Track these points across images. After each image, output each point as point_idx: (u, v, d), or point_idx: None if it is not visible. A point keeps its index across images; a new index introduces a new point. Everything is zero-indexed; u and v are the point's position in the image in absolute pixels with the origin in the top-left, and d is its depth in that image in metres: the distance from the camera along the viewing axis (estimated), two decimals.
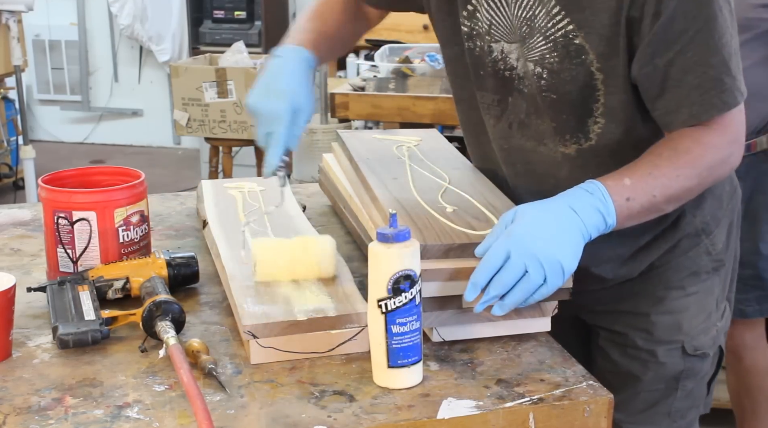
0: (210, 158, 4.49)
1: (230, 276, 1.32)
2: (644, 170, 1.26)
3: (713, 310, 1.49)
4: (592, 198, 1.22)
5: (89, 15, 6.69)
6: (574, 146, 1.38)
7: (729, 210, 1.50)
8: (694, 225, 1.45)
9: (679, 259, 1.46)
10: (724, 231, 1.49)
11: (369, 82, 3.44)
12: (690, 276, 1.47)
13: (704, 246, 1.46)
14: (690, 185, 1.28)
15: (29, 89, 6.73)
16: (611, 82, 1.31)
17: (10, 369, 1.17)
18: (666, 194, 1.26)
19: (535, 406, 1.10)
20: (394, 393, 1.11)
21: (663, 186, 1.25)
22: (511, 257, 1.15)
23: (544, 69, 1.34)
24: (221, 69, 4.20)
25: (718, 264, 1.48)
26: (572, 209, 1.20)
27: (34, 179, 4.57)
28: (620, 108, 1.33)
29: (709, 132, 1.28)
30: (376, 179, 1.47)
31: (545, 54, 1.33)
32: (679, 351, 1.47)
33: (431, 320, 1.21)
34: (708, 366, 1.51)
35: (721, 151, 1.29)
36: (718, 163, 1.30)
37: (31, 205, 1.84)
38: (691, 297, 1.47)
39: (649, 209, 1.27)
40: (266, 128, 1.35)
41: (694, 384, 1.51)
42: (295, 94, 1.36)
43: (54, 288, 1.32)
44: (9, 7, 4.46)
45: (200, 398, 1.02)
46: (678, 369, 1.48)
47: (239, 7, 5.67)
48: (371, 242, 1.11)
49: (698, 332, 1.47)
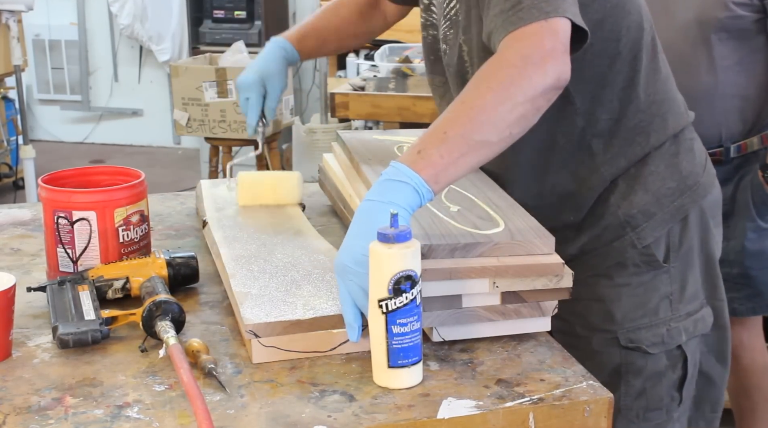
0: (210, 158, 4.49)
1: (230, 276, 1.32)
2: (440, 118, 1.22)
3: (661, 307, 1.50)
4: (384, 179, 1.17)
5: (89, 15, 6.69)
6: None
7: (674, 208, 1.49)
8: (617, 216, 1.48)
9: (605, 248, 1.50)
10: (662, 228, 1.48)
11: (369, 82, 3.44)
12: (616, 267, 1.49)
13: (629, 238, 1.48)
14: (480, 104, 1.19)
15: (29, 89, 6.73)
16: (471, 54, 1.42)
17: (10, 369, 1.17)
18: (458, 122, 1.18)
19: (535, 406, 1.10)
20: (394, 393, 1.11)
21: (449, 120, 1.19)
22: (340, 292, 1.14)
23: (446, 45, 1.50)
24: (221, 69, 4.20)
25: (650, 259, 1.49)
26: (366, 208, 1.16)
27: (34, 179, 4.57)
28: None
29: (500, 51, 1.23)
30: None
31: (446, 32, 1.48)
32: (614, 343, 1.49)
33: (431, 319, 1.21)
34: (658, 366, 1.50)
35: (508, 63, 1.21)
36: (511, 77, 1.20)
37: (31, 205, 1.84)
38: (623, 289, 1.49)
39: (456, 146, 1.17)
40: (244, 95, 1.70)
41: (646, 383, 1.50)
42: (266, 69, 1.70)
43: (54, 288, 1.32)
44: (9, 7, 4.46)
45: (200, 398, 1.02)
46: (615, 362, 1.50)
47: (239, 7, 5.68)
48: (372, 242, 1.11)
49: (636, 326, 1.49)
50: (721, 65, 2.11)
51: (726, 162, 2.15)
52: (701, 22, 2.08)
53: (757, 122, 2.17)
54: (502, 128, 1.20)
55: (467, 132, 1.18)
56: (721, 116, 2.13)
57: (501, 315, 1.23)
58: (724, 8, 2.05)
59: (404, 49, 3.75)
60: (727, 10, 2.05)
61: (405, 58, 3.61)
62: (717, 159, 2.07)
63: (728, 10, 2.05)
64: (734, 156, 2.16)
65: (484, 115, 1.19)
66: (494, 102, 1.19)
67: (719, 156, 2.13)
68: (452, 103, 1.22)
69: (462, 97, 1.21)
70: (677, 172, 1.50)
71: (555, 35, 1.23)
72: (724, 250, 1.64)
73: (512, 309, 1.23)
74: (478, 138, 1.18)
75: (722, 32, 2.08)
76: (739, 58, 2.11)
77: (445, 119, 1.20)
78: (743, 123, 2.16)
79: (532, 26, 1.23)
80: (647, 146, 1.48)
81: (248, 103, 1.70)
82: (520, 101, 1.20)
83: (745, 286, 2.25)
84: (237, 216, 1.59)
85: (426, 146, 1.18)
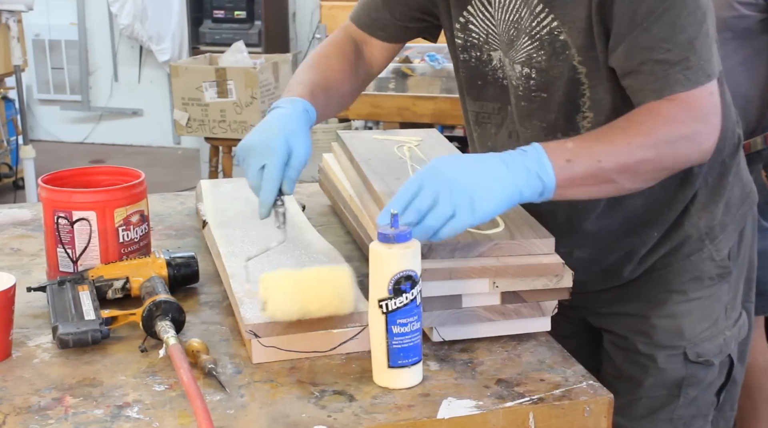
0: (210, 158, 4.49)
1: (230, 276, 1.32)
2: (593, 136, 1.26)
3: (720, 318, 1.47)
4: (525, 157, 1.19)
5: (89, 15, 6.69)
6: None
7: (739, 216, 1.48)
8: (698, 229, 1.44)
9: (682, 262, 1.45)
10: (732, 238, 1.47)
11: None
12: (692, 281, 1.45)
13: (708, 252, 1.45)
14: (644, 156, 1.22)
15: (29, 89, 6.73)
16: (594, 74, 1.32)
17: (10, 369, 1.17)
18: (614, 160, 1.21)
19: (535, 406, 1.10)
20: (394, 393, 1.11)
21: (610, 152, 1.21)
22: (424, 186, 1.13)
23: (532, 69, 1.36)
24: (221, 69, 4.20)
25: (723, 271, 1.46)
26: (503, 161, 1.18)
27: (34, 179, 4.57)
28: (606, 99, 1.33)
29: (670, 106, 1.24)
30: (379, 180, 1.47)
31: (532, 54, 1.35)
32: (681, 358, 1.46)
33: (431, 319, 1.21)
34: (713, 375, 1.49)
35: (682, 126, 1.24)
36: (678, 138, 1.24)
37: (31, 205, 1.84)
38: (694, 303, 1.45)
39: (595, 176, 1.21)
40: (260, 161, 1.29)
41: (698, 392, 1.48)
42: (292, 134, 1.31)
43: (54, 288, 1.32)
44: (9, 7, 4.46)
45: (200, 398, 1.02)
46: (679, 376, 1.46)
47: (239, 7, 5.68)
48: (372, 242, 1.11)
49: (702, 339, 1.46)
50: (724, 65, 2.10)
51: None
52: None
53: (761, 121, 2.17)
54: (640, 183, 1.26)
55: (616, 173, 1.21)
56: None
57: (501, 315, 1.23)
58: (729, 8, 2.05)
59: (404, 50, 3.75)
60: (732, 10, 2.05)
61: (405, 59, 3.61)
62: None
63: (733, 10, 2.05)
64: None
65: (641, 166, 1.22)
66: (655, 162, 1.22)
67: None
68: (615, 136, 1.22)
69: (628, 135, 1.22)
70: (740, 180, 1.48)
71: (713, 108, 1.26)
72: None
73: (512, 309, 1.23)
74: (616, 180, 1.22)
75: (726, 32, 2.07)
76: (743, 58, 2.11)
77: (606, 148, 1.21)
78: (746, 123, 2.15)
79: (700, 91, 1.24)
80: (722, 155, 1.44)
81: (264, 172, 1.29)
82: (669, 167, 1.25)
83: None
84: (237, 216, 1.59)
85: (577, 158, 1.20)
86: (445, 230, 1.13)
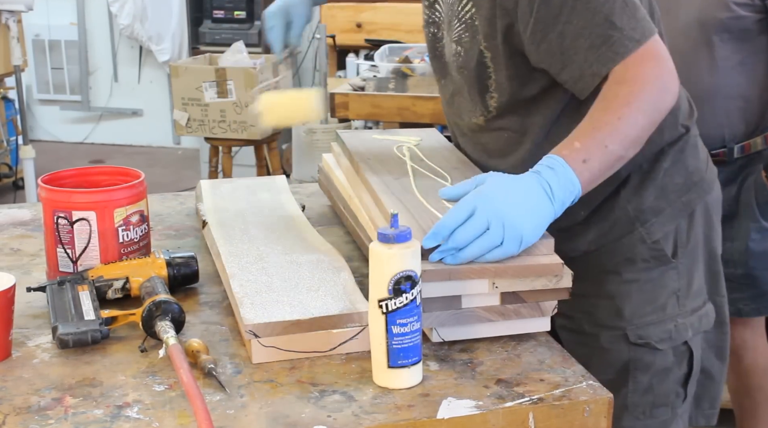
0: (210, 158, 4.49)
1: (230, 276, 1.32)
2: (587, 127, 1.31)
3: (670, 304, 1.51)
4: (556, 174, 1.25)
5: (89, 15, 6.69)
6: (482, 118, 1.51)
7: (681, 203, 1.51)
8: (627, 211, 1.49)
9: (614, 244, 1.50)
10: (670, 224, 1.50)
11: (369, 82, 3.44)
12: (625, 262, 1.50)
13: (638, 234, 1.49)
14: (638, 121, 1.30)
15: (29, 89, 6.73)
16: (496, 60, 1.42)
17: (10, 369, 1.17)
18: (617, 139, 1.29)
19: (534, 406, 1.10)
20: (394, 393, 1.11)
21: (611, 134, 1.29)
22: (476, 213, 1.19)
23: (461, 47, 1.48)
24: (221, 69, 4.20)
25: (658, 254, 1.50)
26: (542, 185, 1.24)
27: (33, 179, 4.57)
28: (505, 85, 1.44)
29: (624, 71, 1.31)
30: (378, 180, 1.47)
31: (461, 34, 1.47)
32: (623, 339, 1.50)
33: (431, 320, 1.21)
34: (666, 361, 1.51)
35: (650, 79, 1.32)
36: (655, 92, 1.32)
37: (31, 205, 1.84)
38: (632, 285, 1.50)
39: (609, 162, 1.30)
40: (269, 23, 1.74)
41: (652, 379, 1.51)
42: (293, 4, 1.74)
43: (54, 288, 1.32)
44: (9, 7, 4.46)
45: (200, 398, 1.02)
46: (624, 358, 1.50)
47: (239, 7, 5.67)
48: (372, 243, 1.12)
49: (645, 323, 1.50)
50: (723, 66, 2.11)
51: (729, 163, 2.15)
52: (703, 23, 2.08)
53: (760, 122, 2.17)
54: (640, 146, 1.33)
55: (623, 150, 1.30)
56: (724, 116, 2.13)
57: (500, 316, 1.23)
58: (726, 9, 2.05)
59: (404, 50, 3.75)
60: (729, 11, 2.05)
61: (405, 59, 3.61)
62: (720, 160, 2.07)
63: (730, 11, 2.05)
64: (738, 157, 2.16)
65: (639, 133, 1.31)
66: (646, 123, 1.31)
67: (722, 157, 2.13)
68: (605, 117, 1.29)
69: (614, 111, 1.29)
70: (683, 168, 1.51)
71: (659, 59, 1.33)
72: (728, 251, 1.65)
73: (512, 310, 1.23)
74: (624, 155, 1.31)
75: (724, 33, 2.08)
76: (741, 59, 2.11)
77: (605, 131, 1.29)
78: (746, 124, 2.15)
79: (633, 58, 1.31)
80: (661, 141, 1.49)
81: (272, 31, 1.76)
82: (657, 121, 1.33)
83: (749, 287, 2.25)
84: (237, 216, 1.59)
85: (589, 154, 1.27)
86: (488, 256, 1.20)
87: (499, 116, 1.49)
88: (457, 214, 1.20)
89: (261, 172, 4.53)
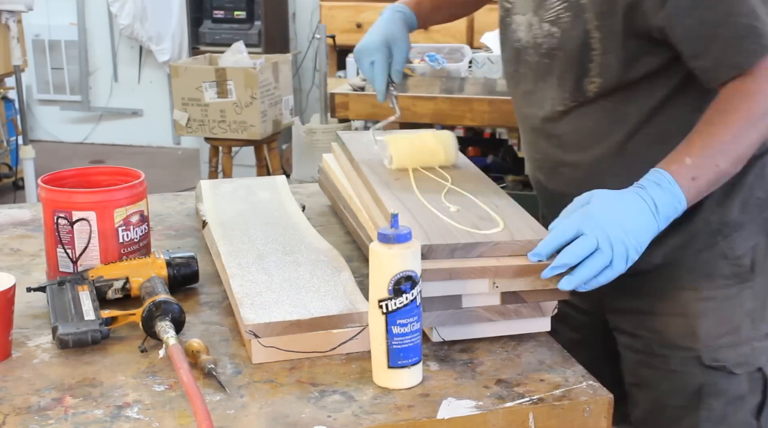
0: (210, 158, 4.49)
1: (230, 276, 1.32)
2: (701, 142, 1.27)
3: (745, 326, 1.42)
4: (661, 191, 1.23)
5: (89, 15, 6.68)
6: (574, 104, 1.42)
7: (762, 220, 1.44)
8: (710, 223, 1.40)
9: (692, 258, 1.42)
10: (751, 240, 1.43)
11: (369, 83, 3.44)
12: (704, 278, 1.42)
13: (720, 248, 1.41)
14: (750, 140, 1.27)
15: (29, 89, 6.72)
16: (607, 41, 1.34)
17: (10, 369, 1.17)
18: (729, 159, 1.26)
19: (534, 406, 1.10)
20: (394, 393, 1.11)
21: (723, 152, 1.26)
22: (585, 233, 1.18)
23: (558, 28, 1.39)
24: (221, 69, 4.20)
25: (740, 271, 1.42)
26: (646, 202, 1.23)
27: (33, 179, 4.57)
28: (615, 67, 1.35)
29: (753, 80, 1.26)
30: (378, 180, 1.47)
31: (560, 14, 1.38)
32: (696, 362, 1.41)
33: (431, 320, 1.21)
34: (740, 388, 1.42)
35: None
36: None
37: (31, 205, 1.84)
38: (709, 303, 1.41)
39: (716, 179, 1.28)
40: (368, 58, 1.61)
41: (725, 406, 1.42)
42: (389, 31, 1.62)
43: (54, 288, 1.32)
44: (9, 7, 4.46)
45: (200, 398, 1.02)
46: (697, 383, 1.42)
47: (239, 7, 5.67)
48: (372, 243, 1.11)
49: (720, 344, 1.41)
50: None
51: None
52: None
53: None
54: (745, 161, 1.30)
55: (732, 168, 1.27)
56: None
57: (501, 315, 1.23)
58: None
59: None
60: None
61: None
62: None
63: None
64: None
65: (749, 150, 1.28)
66: (759, 139, 1.28)
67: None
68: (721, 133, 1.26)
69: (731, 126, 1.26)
70: (765, 183, 1.44)
71: None
72: None
73: (512, 309, 1.23)
74: (732, 172, 1.29)
75: None
76: None
77: (718, 149, 1.26)
78: None
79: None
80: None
81: (374, 67, 1.61)
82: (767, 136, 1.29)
83: None
84: (237, 216, 1.59)
85: (699, 172, 1.25)
86: (599, 278, 1.19)
87: (593, 101, 1.40)
88: (558, 235, 1.20)
89: (261, 172, 4.52)
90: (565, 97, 1.42)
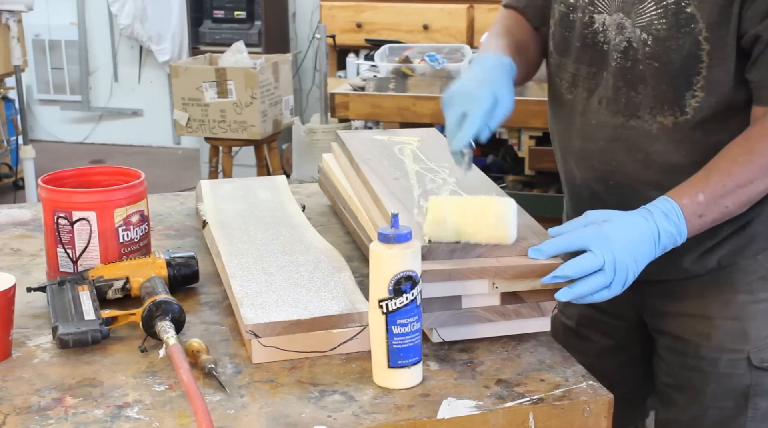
0: (210, 158, 4.49)
1: (230, 276, 1.32)
2: (718, 179, 1.26)
3: None
4: (668, 223, 1.24)
5: (89, 15, 6.69)
6: (671, 119, 1.35)
7: None
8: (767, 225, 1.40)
9: (749, 261, 1.41)
10: None
11: (369, 82, 3.44)
12: (759, 281, 1.41)
13: None
14: (764, 187, 1.27)
15: (29, 89, 6.72)
16: (717, 53, 1.28)
17: (10, 369, 1.17)
18: (739, 202, 1.27)
19: (535, 406, 1.10)
20: (394, 393, 1.11)
21: (736, 195, 1.26)
22: (593, 251, 1.18)
23: (650, 36, 1.32)
24: (221, 69, 4.20)
25: None
26: (651, 233, 1.23)
27: (34, 179, 4.57)
28: (724, 81, 1.30)
29: None
30: (378, 180, 1.47)
31: (654, 20, 1.31)
32: (745, 362, 1.41)
33: (431, 320, 1.21)
34: None
35: None
36: None
37: (31, 205, 1.84)
38: (761, 305, 1.41)
39: (721, 219, 1.28)
40: (463, 107, 1.31)
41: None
42: (500, 85, 1.35)
43: (54, 288, 1.32)
44: (9, 7, 4.46)
45: (200, 398, 1.02)
46: (745, 383, 1.41)
47: (239, 7, 5.67)
48: (372, 243, 1.11)
49: (765, 344, 1.41)
50: None
51: None
52: None
53: None
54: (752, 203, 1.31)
55: (739, 210, 1.28)
56: None
57: (501, 316, 1.23)
58: None
59: (404, 49, 3.75)
60: None
61: (405, 59, 3.61)
62: None
63: None
64: None
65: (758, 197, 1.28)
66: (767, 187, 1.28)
67: None
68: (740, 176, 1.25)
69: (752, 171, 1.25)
70: None
71: None
72: None
73: (512, 310, 1.23)
74: (737, 212, 1.29)
75: None
76: None
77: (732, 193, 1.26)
78: None
79: None
80: None
81: (466, 120, 1.30)
82: None
83: None
84: (237, 216, 1.59)
85: (708, 211, 1.25)
86: (595, 296, 1.20)
87: (692, 121, 1.33)
88: (572, 242, 1.20)
89: (261, 172, 4.52)
90: (663, 109, 1.35)
